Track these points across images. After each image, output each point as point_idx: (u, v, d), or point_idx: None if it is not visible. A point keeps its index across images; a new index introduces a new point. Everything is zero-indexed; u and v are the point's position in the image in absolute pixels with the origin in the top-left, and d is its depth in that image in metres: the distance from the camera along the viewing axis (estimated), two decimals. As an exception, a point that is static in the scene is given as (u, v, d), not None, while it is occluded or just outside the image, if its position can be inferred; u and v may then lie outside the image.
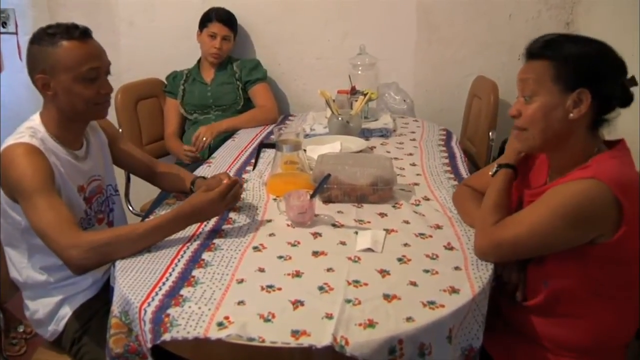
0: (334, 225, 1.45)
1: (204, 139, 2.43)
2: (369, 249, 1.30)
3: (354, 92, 2.48)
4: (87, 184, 1.49)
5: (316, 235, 1.40)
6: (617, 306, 1.23)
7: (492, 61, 2.74)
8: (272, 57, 2.87)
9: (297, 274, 1.20)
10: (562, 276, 1.22)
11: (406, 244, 1.34)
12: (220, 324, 1.02)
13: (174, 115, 2.72)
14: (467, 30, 2.75)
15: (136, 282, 1.18)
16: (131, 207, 2.62)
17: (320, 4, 2.80)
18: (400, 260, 1.26)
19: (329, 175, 1.49)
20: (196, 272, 1.21)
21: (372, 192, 1.59)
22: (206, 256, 1.28)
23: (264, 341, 0.98)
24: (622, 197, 1.11)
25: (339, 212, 1.53)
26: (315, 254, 1.30)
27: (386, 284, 1.16)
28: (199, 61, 2.73)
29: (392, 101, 2.80)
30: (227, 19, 2.63)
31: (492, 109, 2.43)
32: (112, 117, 2.32)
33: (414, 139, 2.30)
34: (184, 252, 1.30)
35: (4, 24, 2.98)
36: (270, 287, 1.15)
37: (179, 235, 1.36)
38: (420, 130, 2.45)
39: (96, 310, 1.45)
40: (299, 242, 1.35)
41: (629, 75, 1.21)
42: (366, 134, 2.31)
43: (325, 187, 1.54)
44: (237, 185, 1.41)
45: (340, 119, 2.23)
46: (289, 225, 1.46)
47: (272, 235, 1.40)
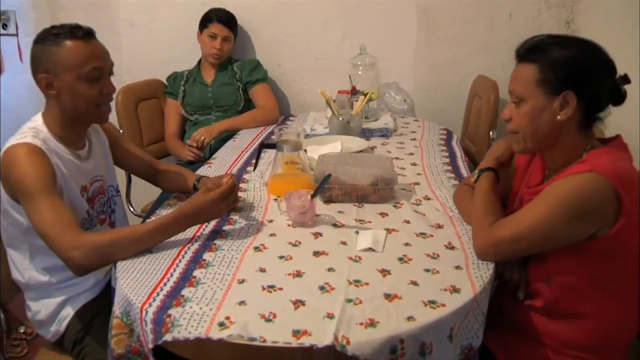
0: (335, 225, 1.45)
1: (202, 138, 2.44)
2: (370, 249, 1.30)
3: (354, 92, 2.48)
4: (89, 184, 1.50)
5: (317, 235, 1.40)
6: (620, 304, 1.23)
7: (492, 60, 2.74)
8: (273, 58, 2.87)
9: (298, 274, 1.21)
10: (564, 273, 1.23)
11: (407, 244, 1.34)
12: (221, 324, 1.02)
13: (175, 116, 2.72)
14: (467, 29, 2.75)
15: (137, 282, 1.18)
16: (132, 208, 2.62)
17: (320, 4, 2.80)
18: (401, 259, 1.26)
19: (330, 175, 1.49)
20: (197, 273, 1.21)
21: (373, 192, 1.59)
22: (207, 256, 1.29)
23: (265, 341, 0.98)
24: (621, 190, 1.12)
25: (339, 212, 1.54)
26: (316, 253, 1.30)
27: (387, 284, 1.16)
28: (200, 62, 2.74)
29: (393, 101, 2.80)
30: (228, 20, 2.64)
31: (493, 109, 2.44)
32: (113, 118, 2.32)
33: (414, 139, 2.30)
34: (185, 253, 1.30)
35: (4, 26, 2.98)
36: (271, 287, 1.15)
37: (180, 235, 1.36)
38: (420, 129, 2.45)
39: (98, 311, 1.45)
40: (299, 242, 1.35)
41: (621, 73, 1.21)
42: (367, 134, 2.31)
43: (326, 187, 1.54)
44: (235, 186, 1.41)
45: (340, 119, 2.23)
46: (289, 225, 1.46)
47: (273, 235, 1.40)
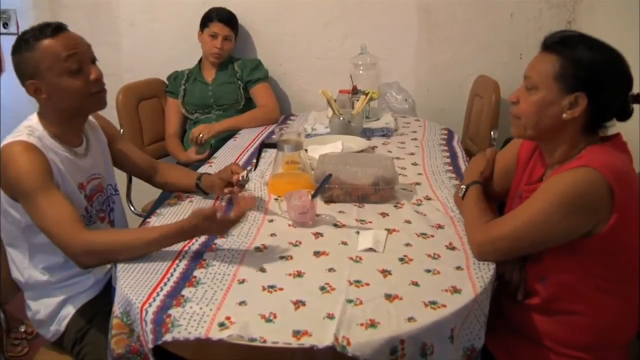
0: (336, 225, 1.45)
1: (200, 135, 2.44)
2: (371, 249, 1.30)
3: (355, 91, 2.48)
4: (87, 181, 1.49)
5: (317, 235, 1.40)
6: (617, 303, 1.23)
7: (493, 60, 2.74)
8: (273, 57, 2.87)
9: (299, 274, 1.20)
10: (559, 272, 1.23)
11: (408, 244, 1.34)
12: (221, 325, 1.02)
13: (176, 115, 2.72)
14: (468, 29, 2.74)
15: (137, 282, 1.18)
16: (132, 208, 2.62)
17: (321, 3, 2.80)
18: (401, 260, 1.26)
19: (331, 175, 1.49)
20: (197, 273, 1.21)
21: (374, 192, 1.59)
22: (207, 256, 1.28)
23: (265, 341, 0.98)
24: (614, 184, 1.12)
25: (340, 212, 1.53)
26: (316, 254, 1.29)
27: (388, 284, 1.16)
28: (200, 61, 2.73)
29: (394, 101, 2.80)
30: (228, 19, 2.63)
31: (494, 108, 2.43)
32: (114, 118, 2.33)
33: (415, 139, 2.30)
34: (186, 253, 1.30)
35: (5, 25, 2.98)
36: (271, 287, 1.15)
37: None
38: (421, 129, 2.44)
39: (98, 310, 1.44)
40: (300, 242, 1.35)
41: (636, 92, 1.22)
42: (367, 134, 2.31)
43: (326, 187, 1.54)
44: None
45: (341, 118, 2.23)
46: (290, 225, 1.46)
47: (273, 235, 1.40)
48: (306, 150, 1.82)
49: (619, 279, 1.22)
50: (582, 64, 1.19)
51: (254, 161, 1.74)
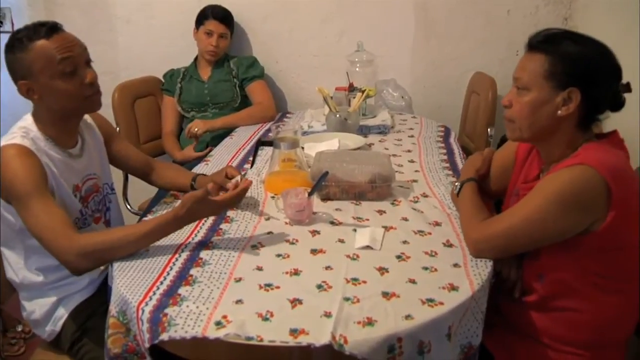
0: (332, 222, 1.45)
1: (195, 130, 2.43)
2: (368, 247, 1.30)
3: (351, 89, 2.48)
4: (82, 182, 1.48)
5: (314, 233, 1.39)
6: (616, 300, 1.23)
7: (490, 57, 2.74)
8: (269, 55, 2.86)
9: (296, 272, 1.20)
10: (557, 269, 1.23)
11: (405, 241, 1.34)
12: (218, 323, 1.02)
13: (172, 113, 2.72)
14: (465, 26, 2.74)
15: (134, 281, 1.17)
16: (129, 206, 2.61)
17: (317, 1, 2.79)
18: (399, 257, 1.26)
19: (327, 172, 1.49)
20: (194, 271, 1.21)
21: (371, 189, 1.59)
22: (204, 255, 1.28)
23: (262, 340, 0.98)
24: (611, 181, 1.12)
25: (337, 209, 1.53)
26: (313, 252, 1.29)
27: (385, 282, 1.16)
28: (196, 59, 2.73)
29: (390, 98, 2.80)
30: (224, 17, 2.62)
31: (491, 105, 2.43)
32: (110, 116, 2.32)
33: (412, 136, 2.30)
34: (182, 251, 1.29)
35: (0, 23, 2.97)
36: (268, 285, 1.15)
37: (176, 234, 1.34)
38: (418, 126, 2.44)
39: (94, 310, 1.44)
40: (297, 240, 1.35)
41: (624, 81, 1.21)
42: (364, 131, 2.31)
43: (323, 185, 1.54)
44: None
45: (338, 116, 2.22)
46: (287, 223, 1.45)
47: (270, 233, 1.39)
48: (303, 147, 1.81)
49: (617, 277, 1.22)
50: (571, 59, 1.19)
51: (251, 159, 1.74)
